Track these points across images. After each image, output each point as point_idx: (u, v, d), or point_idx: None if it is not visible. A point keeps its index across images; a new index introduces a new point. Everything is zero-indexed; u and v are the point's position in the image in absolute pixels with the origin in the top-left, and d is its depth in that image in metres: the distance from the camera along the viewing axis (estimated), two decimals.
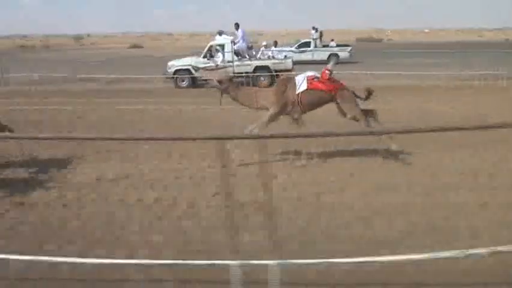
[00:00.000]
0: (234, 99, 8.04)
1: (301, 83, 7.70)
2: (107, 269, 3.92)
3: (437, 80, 18.46)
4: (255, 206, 5.37)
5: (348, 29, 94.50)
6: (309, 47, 29.44)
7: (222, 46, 18.99)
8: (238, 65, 18.75)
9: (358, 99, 7.87)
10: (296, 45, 30.23)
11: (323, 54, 29.31)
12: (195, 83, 19.14)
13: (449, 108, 12.26)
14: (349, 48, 30.77)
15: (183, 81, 19.15)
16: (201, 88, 18.17)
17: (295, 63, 20.28)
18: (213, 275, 3.79)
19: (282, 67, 18.63)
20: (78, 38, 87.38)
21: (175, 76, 19.07)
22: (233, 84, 8.08)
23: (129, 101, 14.74)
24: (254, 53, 19.82)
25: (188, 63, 19.28)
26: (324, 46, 30.88)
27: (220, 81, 7.94)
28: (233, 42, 18.86)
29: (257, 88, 11.94)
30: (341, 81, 8.07)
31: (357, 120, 7.72)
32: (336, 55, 29.23)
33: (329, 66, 7.98)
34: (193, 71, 18.96)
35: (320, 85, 7.72)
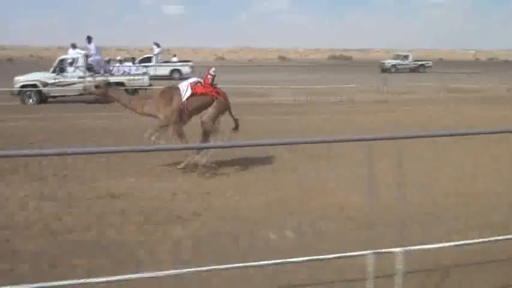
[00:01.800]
0: (117, 101, 8.18)
1: (185, 89, 7.74)
2: None
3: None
4: None
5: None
6: (150, 62, 27.90)
7: (73, 60, 17.80)
8: (90, 81, 17.65)
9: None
10: (137, 61, 28.78)
11: (164, 70, 29.21)
12: (43, 99, 17.63)
13: None
14: (190, 64, 31.81)
15: (30, 97, 17.52)
16: (52, 104, 16.89)
17: None
18: None
19: (138, 83, 17.97)
20: None
21: (22, 91, 17.37)
22: (111, 88, 8.16)
23: None
24: (112, 68, 18.85)
25: (35, 79, 17.78)
26: (165, 62, 31.01)
27: (97, 87, 8.08)
28: (86, 56, 17.79)
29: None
30: (222, 90, 8.14)
31: (205, 130, 7.83)
32: (178, 70, 29.96)
33: (211, 71, 8.00)
34: (41, 87, 17.50)
35: (203, 89, 7.79)
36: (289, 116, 14.02)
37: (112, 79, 17.70)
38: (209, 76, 7.86)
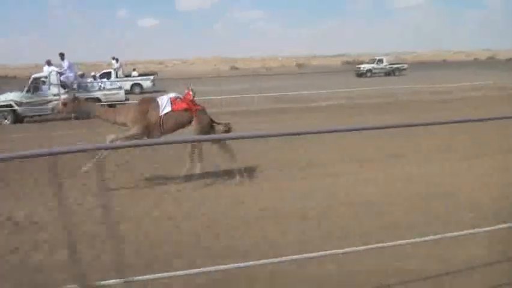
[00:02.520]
0: (90, 112, 7.97)
1: (165, 104, 7.51)
2: None
3: None
4: None
5: None
6: (110, 77, 26.49)
7: (47, 78, 17.67)
8: (63, 99, 17.52)
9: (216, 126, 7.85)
10: (98, 76, 27.23)
11: (124, 84, 28.50)
12: (19, 119, 17.41)
13: None
14: (151, 78, 31.69)
15: (5, 118, 17.30)
16: (29, 124, 16.72)
17: None
18: None
19: (114, 98, 17.88)
20: None
21: None
22: (80, 102, 7.90)
23: None
24: (85, 83, 18.73)
25: (10, 99, 17.55)
26: (126, 76, 30.32)
27: (64, 104, 7.82)
28: (59, 74, 17.67)
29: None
30: (201, 105, 7.95)
31: (191, 151, 7.58)
32: (139, 85, 29.88)
33: (191, 86, 7.88)
34: (15, 107, 17.29)
35: (184, 105, 7.58)
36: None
37: (88, 95, 17.81)
38: (191, 92, 7.72)
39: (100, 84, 18.63)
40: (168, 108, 7.50)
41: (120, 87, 18.90)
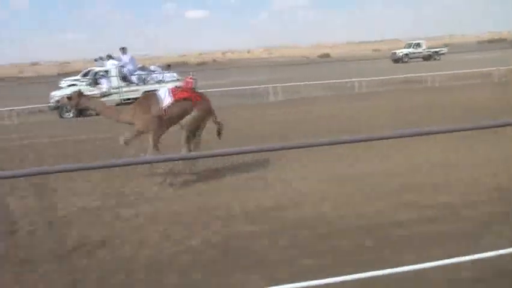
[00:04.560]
0: (93, 109, 8.07)
1: (165, 96, 7.42)
2: None
3: None
4: None
5: None
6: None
7: (108, 72, 18.06)
8: (126, 91, 17.95)
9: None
10: (81, 74, 26.00)
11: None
12: (82, 112, 17.87)
13: None
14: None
15: (68, 111, 17.77)
16: (90, 117, 17.12)
17: None
18: None
19: None
20: None
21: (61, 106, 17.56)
22: (84, 97, 7.74)
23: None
24: (146, 75, 18.99)
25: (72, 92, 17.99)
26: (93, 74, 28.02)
27: (69, 98, 7.74)
28: (120, 67, 18.03)
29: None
30: (205, 95, 7.95)
31: (187, 137, 7.53)
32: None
33: (192, 75, 7.93)
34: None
35: (185, 94, 7.52)
36: None
37: (147, 87, 18.16)
38: (191, 80, 7.70)
39: (159, 77, 18.85)
40: (169, 100, 7.42)
41: (178, 80, 19.12)
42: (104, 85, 17.99)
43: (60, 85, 25.17)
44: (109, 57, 18.69)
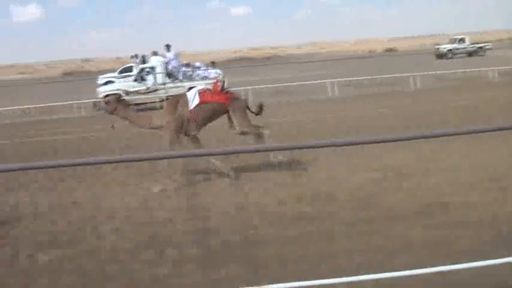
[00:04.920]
0: (126, 118, 7.76)
1: (193, 98, 7.36)
2: None
3: None
4: None
5: None
6: (132, 71, 23.49)
7: (153, 68, 18.35)
8: (170, 87, 18.18)
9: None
10: (118, 71, 26.97)
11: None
12: None
13: None
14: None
15: None
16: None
17: None
18: None
19: None
20: None
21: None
22: (121, 105, 7.69)
23: None
24: (191, 72, 19.20)
25: (118, 88, 18.43)
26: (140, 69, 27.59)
27: (107, 103, 7.73)
28: (166, 64, 18.29)
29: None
30: (234, 93, 7.94)
31: (246, 134, 7.52)
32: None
33: (220, 77, 7.87)
34: (124, 96, 18.08)
35: (212, 97, 7.42)
36: None
37: (192, 84, 18.30)
38: (219, 83, 7.65)
39: (203, 73, 19.03)
40: (196, 101, 7.33)
41: (224, 77, 19.26)
42: (150, 81, 18.29)
43: (98, 82, 26.01)
44: (154, 53, 18.97)
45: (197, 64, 20.15)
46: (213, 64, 20.56)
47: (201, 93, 7.44)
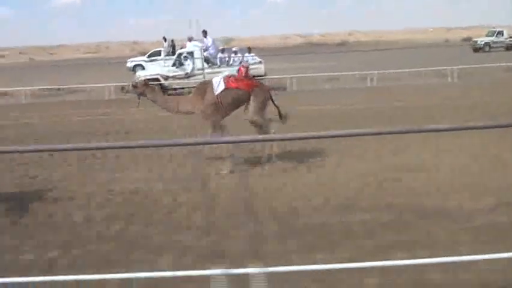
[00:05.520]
0: (154, 101, 8.09)
1: (218, 84, 7.59)
2: None
3: None
4: None
5: None
6: (160, 56, 24.92)
7: (191, 53, 18.67)
8: (208, 73, 18.46)
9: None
10: (147, 55, 28.52)
11: None
12: (164, 92, 18.61)
13: None
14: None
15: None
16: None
17: None
18: None
19: (255, 73, 18.42)
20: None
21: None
22: (149, 88, 8.01)
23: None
24: (227, 58, 19.44)
25: (156, 73, 18.85)
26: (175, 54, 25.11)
27: (134, 86, 8.02)
28: (203, 50, 18.59)
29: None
30: (258, 81, 8.10)
31: (255, 125, 7.67)
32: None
33: (245, 63, 8.01)
34: (162, 80, 18.47)
35: (238, 83, 7.65)
36: None
37: (230, 69, 18.55)
38: (243, 68, 7.80)
39: (240, 59, 19.22)
40: (222, 87, 7.54)
41: (260, 62, 19.45)
42: (188, 66, 18.61)
43: (127, 65, 26.56)
44: (190, 39, 19.27)
45: (234, 49, 20.38)
46: (249, 50, 20.69)
47: (226, 79, 7.70)
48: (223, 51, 19.67)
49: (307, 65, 28.61)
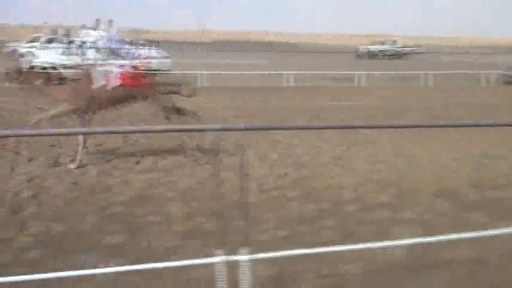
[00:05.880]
0: (31, 88, 7.69)
1: (99, 78, 7.05)
2: None
3: None
4: None
5: None
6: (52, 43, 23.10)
7: (84, 43, 16.86)
8: (102, 64, 16.65)
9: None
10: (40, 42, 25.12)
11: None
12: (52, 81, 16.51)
13: None
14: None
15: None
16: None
17: None
18: None
19: (160, 67, 17.21)
20: None
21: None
22: (22, 75, 7.50)
23: None
24: (131, 50, 17.89)
25: (48, 61, 16.77)
26: (70, 42, 23.93)
27: (7, 74, 7.55)
28: (106, 40, 16.75)
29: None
30: (150, 78, 8.16)
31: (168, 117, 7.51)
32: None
33: (164, 57, 7.60)
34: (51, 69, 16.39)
35: (124, 80, 7.26)
36: None
37: (133, 62, 16.91)
38: (138, 67, 7.62)
39: (146, 52, 17.81)
40: (102, 82, 7.04)
41: (167, 57, 18.21)
42: (88, 56, 16.69)
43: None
44: (84, 27, 17.44)
45: (141, 42, 18.93)
46: (158, 43, 19.39)
47: (111, 75, 7.14)
48: (130, 43, 18.09)
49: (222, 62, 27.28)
